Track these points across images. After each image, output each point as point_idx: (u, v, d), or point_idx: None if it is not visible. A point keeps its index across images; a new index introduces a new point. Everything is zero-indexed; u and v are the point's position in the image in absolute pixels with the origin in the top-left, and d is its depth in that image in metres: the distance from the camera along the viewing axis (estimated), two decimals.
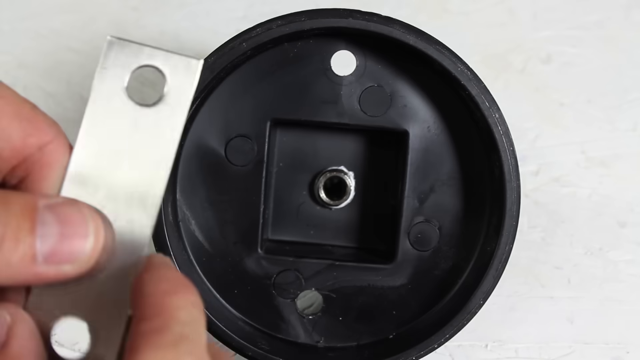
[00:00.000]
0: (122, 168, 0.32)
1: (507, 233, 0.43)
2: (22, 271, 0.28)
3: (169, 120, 0.32)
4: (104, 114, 0.32)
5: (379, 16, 0.42)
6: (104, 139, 0.32)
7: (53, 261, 0.29)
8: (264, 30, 0.42)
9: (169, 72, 0.32)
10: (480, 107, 0.42)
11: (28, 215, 0.29)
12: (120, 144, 0.32)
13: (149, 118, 0.32)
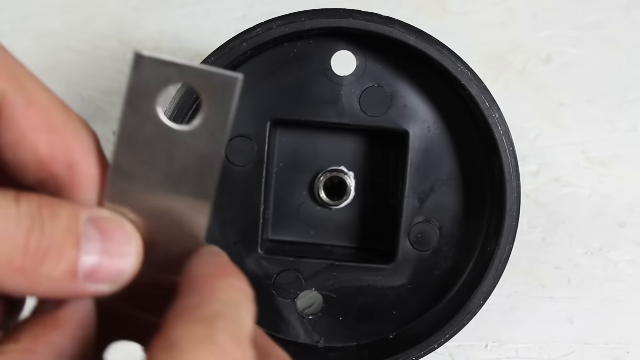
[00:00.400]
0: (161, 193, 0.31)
1: (507, 233, 0.43)
2: (61, 286, 0.28)
3: (209, 141, 0.30)
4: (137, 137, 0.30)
5: (379, 16, 0.42)
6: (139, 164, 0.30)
7: (93, 279, 0.28)
8: (264, 30, 0.42)
9: (205, 90, 0.29)
10: (480, 107, 0.42)
11: (73, 229, 0.28)
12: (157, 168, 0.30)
13: (186, 139, 0.30)
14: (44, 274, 0.27)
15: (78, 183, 0.29)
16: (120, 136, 0.29)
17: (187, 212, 0.31)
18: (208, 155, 0.30)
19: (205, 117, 0.29)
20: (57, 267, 0.27)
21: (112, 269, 0.28)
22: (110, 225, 0.29)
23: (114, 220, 0.29)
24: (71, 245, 0.27)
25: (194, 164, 0.30)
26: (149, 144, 0.30)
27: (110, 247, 0.28)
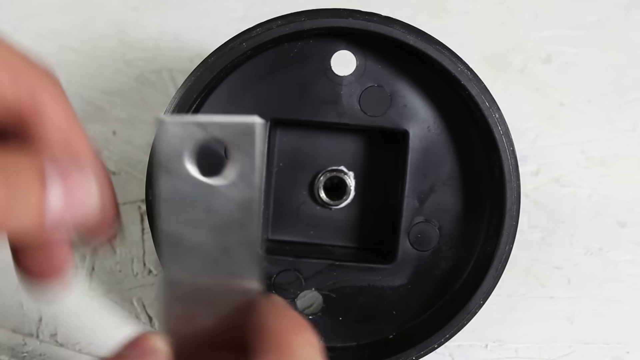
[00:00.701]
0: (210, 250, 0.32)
1: (507, 233, 0.43)
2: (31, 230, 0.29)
3: (243, 187, 0.31)
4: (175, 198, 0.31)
5: (379, 16, 0.42)
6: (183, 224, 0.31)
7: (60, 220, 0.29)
8: (264, 30, 0.42)
9: (229, 139, 0.30)
10: (480, 107, 0.42)
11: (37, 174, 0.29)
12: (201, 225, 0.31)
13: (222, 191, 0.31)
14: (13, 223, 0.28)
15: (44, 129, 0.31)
16: (161, 200, 0.31)
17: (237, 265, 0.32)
18: (246, 202, 0.31)
19: (235, 165, 0.30)
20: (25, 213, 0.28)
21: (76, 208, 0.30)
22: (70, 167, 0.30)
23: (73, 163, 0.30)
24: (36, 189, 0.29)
25: (234, 214, 0.31)
26: (188, 202, 0.31)
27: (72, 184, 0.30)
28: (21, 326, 0.58)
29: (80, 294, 0.58)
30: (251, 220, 0.31)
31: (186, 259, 0.32)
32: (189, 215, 0.31)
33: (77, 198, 0.30)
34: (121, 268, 0.58)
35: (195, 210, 0.31)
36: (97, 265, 0.58)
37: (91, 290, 0.58)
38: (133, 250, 0.58)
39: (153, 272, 0.58)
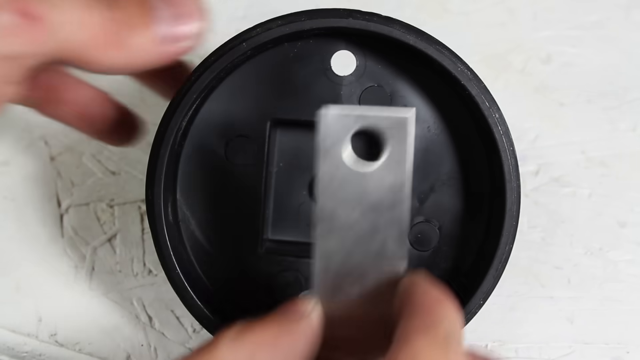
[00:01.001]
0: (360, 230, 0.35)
1: (507, 233, 0.43)
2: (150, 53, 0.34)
3: (394, 174, 0.34)
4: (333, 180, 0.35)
5: (379, 16, 0.42)
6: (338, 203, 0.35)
7: (171, 41, 0.34)
8: (264, 30, 0.42)
9: (383, 130, 0.34)
10: (480, 107, 0.42)
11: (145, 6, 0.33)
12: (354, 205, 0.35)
13: (375, 176, 0.35)
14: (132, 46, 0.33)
15: None
16: (320, 181, 0.35)
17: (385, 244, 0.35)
18: (396, 186, 0.35)
19: (388, 154, 0.34)
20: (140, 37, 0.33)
21: (185, 31, 0.34)
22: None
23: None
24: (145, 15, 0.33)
25: (385, 196, 0.35)
26: (344, 184, 0.35)
27: (178, 11, 0.34)
28: (21, 326, 0.58)
29: (80, 294, 0.58)
30: (401, 203, 0.35)
31: (339, 235, 0.35)
32: (344, 196, 0.35)
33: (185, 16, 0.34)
34: (121, 268, 0.58)
35: (350, 191, 0.35)
36: (97, 265, 0.58)
37: (91, 290, 0.58)
38: (133, 250, 0.58)
39: (153, 272, 0.58)
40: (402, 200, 0.35)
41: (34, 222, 0.59)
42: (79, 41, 0.31)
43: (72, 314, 0.58)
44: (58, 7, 0.31)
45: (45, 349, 0.58)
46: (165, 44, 0.34)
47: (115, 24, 0.32)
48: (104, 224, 0.58)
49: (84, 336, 0.58)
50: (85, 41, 0.32)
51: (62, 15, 0.31)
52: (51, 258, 0.58)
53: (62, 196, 0.59)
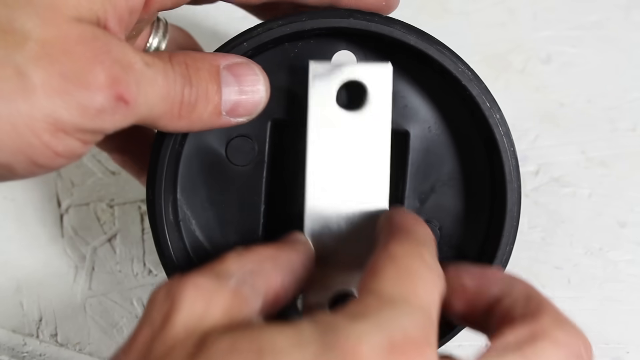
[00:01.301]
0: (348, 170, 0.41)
1: (507, 234, 0.43)
2: (210, 123, 0.38)
3: (377, 119, 0.40)
4: (322, 125, 0.40)
5: (379, 16, 0.42)
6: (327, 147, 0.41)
7: (233, 114, 0.38)
8: (264, 30, 0.42)
9: (368, 81, 0.40)
10: (481, 107, 0.42)
11: (214, 79, 0.37)
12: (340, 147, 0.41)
13: (359, 121, 0.40)
14: (197, 117, 0.37)
15: None
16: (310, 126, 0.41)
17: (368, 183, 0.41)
18: (379, 132, 0.41)
19: (371, 103, 0.40)
20: (205, 110, 0.37)
21: (247, 105, 0.39)
22: (243, 69, 0.39)
23: (245, 64, 0.39)
24: (214, 92, 0.37)
25: (369, 142, 0.41)
26: (332, 131, 0.40)
27: (245, 88, 0.38)
28: (21, 326, 0.58)
29: (80, 294, 0.58)
30: (383, 148, 0.41)
31: (328, 176, 0.41)
32: (333, 141, 0.40)
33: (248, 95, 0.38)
34: (121, 268, 0.58)
35: (337, 137, 0.40)
36: (97, 265, 0.58)
37: (91, 290, 0.58)
38: (133, 250, 0.58)
39: (153, 272, 0.58)
40: (384, 144, 0.40)
41: (34, 222, 0.59)
42: (155, 115, 0.36)
43: (72, 314, 0.58)
44: (146, 86, 0.34)
45: (46, 349, 0.58)
46: (227, 116, 0.38)
47: (189, 101, 0.36)
48: (104, 224, 0.58)
49: (84, 336, 0.58)
50: (160, 115, 0.36)
51: (148, 96, 0.34)
52: (51, 258, 0.59)
53: (62, 196, 0.59)
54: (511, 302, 0.34)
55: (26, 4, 0.32)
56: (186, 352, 0.29)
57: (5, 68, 0.30)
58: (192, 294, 0.31)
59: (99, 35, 0.33)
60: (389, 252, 0.33)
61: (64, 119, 0.32)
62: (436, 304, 0.32)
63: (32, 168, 0.33)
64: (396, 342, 0.28)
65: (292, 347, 0.28)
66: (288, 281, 0.36)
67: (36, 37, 0.31)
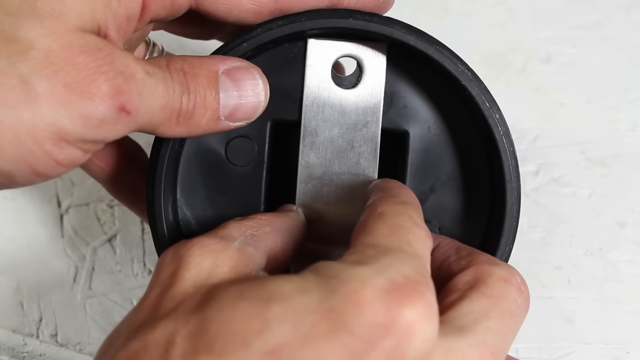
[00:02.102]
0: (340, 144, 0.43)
1: (507, 234, 0.43)
2: (208, 129, 0.38)
3: (370, 96, 0.42)
4: (316, 101, 0.42)
5: (379, 16, 0.42)
6: (320, 121, 0.43)
7: (232, 119, 0.38)
8: (264, 31, 0.42)
9: (363, 57, 0.42)
10: (480, 107, 0.42)
11: (212, 85, 0.37)
12: (334, 123, 0.43)
13: (352, 98, 0.42)
14: (195, 124, 0.37)
15: None
16: (305, 102, 0.43)
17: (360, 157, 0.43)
18: (371, 109, 0.43)
19: (365, 79, 0.42)
20: (203, 117, 0.37)
21: (246, 109, 0.39)
22: (242, 73, 0.39)
23: (244, 68, 0.39)
24: (211, 98, 0.37)
25: (361, 116, 0.43)
26: (326, 105, 0.42)
27: (243, 93, 0.38)
28: (21, 326, 0.58)
29: (81, 294, 0.58)
30: (375, 122, 0.43)
31: (321, 149, 0.43)
32: (326, 115, 0.42)
33: (247, 99, 0.39)
34: (121, 268, 0.58)
35: (331, 111, 0.42)
36: (97, 265, 0.58)
37: (91, 290, 0.58)
38: (133, 250, 0.58)
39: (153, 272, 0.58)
40: (376, 120, 0.43)
41: (34, 222, 0.59)
42: (155, 123, 0.36)
43: (72, 314, 0.58)
44: (147, 96, 0.34)
45: (46, 349, 0.58)
46: (225, 121, 0.38)
47: (188, 108, 0.36)
48: (104, 224, 0.59)
49: (84, 336, 0.58)
50: (159, 122, 0.36)
51: (149, 105, 0.34)
52: (51, 258, 0.59)
53: (62, 196, 0.59)
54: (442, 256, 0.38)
55: (30, 13, 0.32)
56: (195, 302, 0.30)
57: (9, 77, 0.31)
58: (199, 253, 0.33)
59: (102, 46, 0.33)
60: (379, 211, 0.34)
61: (67, 129, 0.32)
62: (428, 257, 0.33)
63: (31, 177, 0.33)
64: (397, 284, 0.29)
65: (298, 293, 0.29)
66: (285, 242, 0.38)
67: (40, 47, 0.32)
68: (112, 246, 0.58)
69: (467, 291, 0.34)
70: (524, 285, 0.37)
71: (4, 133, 0.31)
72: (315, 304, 0.28)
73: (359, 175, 0.43)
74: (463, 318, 0.33)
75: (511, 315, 0.34)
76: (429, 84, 0.44)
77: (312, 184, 0.43)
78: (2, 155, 0.31)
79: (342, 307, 0.28)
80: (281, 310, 0.28)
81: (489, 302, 0.34)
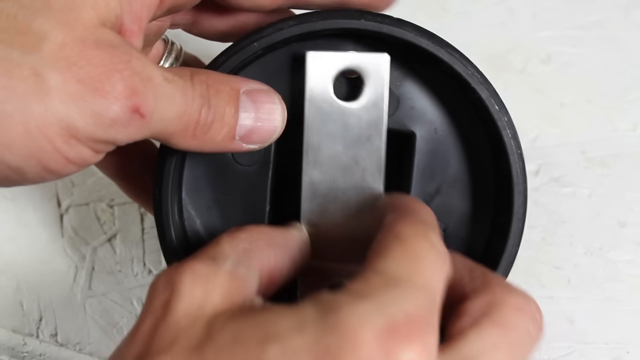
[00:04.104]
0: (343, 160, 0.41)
1: (514, 236, 0.43)
2: (222, 146, 0.37)
3: (373, 110, 0.41)
4: (318, 116, 0.41)
5: (390, 18, 0.41)
6: (323, 137, 0.41)
7: (247, 141, 0.38)
8: (275, 30, 0.41)
9: (363, 70, 0.41)
10: (489, 110, 0.42)
11: (233, 103, 0.37)
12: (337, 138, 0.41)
13: (356, 112, 0.41)
14: (210, 139, 0.36)
15: None
16: (307, 117, 0.41)
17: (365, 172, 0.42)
18: (374, 121, 0.41)
19: (367, 92, 0.41)
20: (219, 133, 0.37)
21: (262, 132, 0.38)
22: (263, 96, 0.39)
23: (265, 92, 0.39)
24: (230, 115, 0.37)
25: (365, 130, 0.41)
26: (328, 119, 0.41)
27: (261, 115, 0.38)
28: (21, 326, 0.58)
29: (81, 294, 0.58)
30: (378, 136, 0.41)
31: (324, 165, 0.41)
32: (329, 130, 0.41)
33: (264, 123, 0.38)
34: (121, 268, 0.58)
35: (333, 126, 0.41)
36: (97, 265, 0.58)
37: (91, 290, 0.58)
38: (133, 250, 0.58)
39: (153, 272, 0.58)
40: (379, 134, 0.41)
41: (34, 222, 0.59)
42: (169, 132, 0.35)
43: (72, 314, 0.58)
44: (163, 100, 0.34)
45: (46, 349, 0.57)
46: (239, 141, 0.38)
47: (205, 122, 0.36)
48: (104, 224, 0.58)
49: (84, 336, 0.58)
50: (174, 132, 0.35)
51: (164, 112, 0.34)
52: (51, 258, 0.58)
53: (62, 196, 0.59)
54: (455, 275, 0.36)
55: (44, 6, 0.31)
56: (191, 339, 0.29)
57: (21, 68, 0.30)
58: (191, 280, 0.31)
59: (119, 43, 0.33)
60: (396, 233, 0.33)
61: (77, 126, 0.31)
62: (441, 286, 0.32)
63: (43, 173, 0.32)
64: (397, 324, 0.28)
65: (295, 331, 0.28)
66: (282, 260, 0.37)
67: (54, 39, 0.31)
68: (112, 246, 0.58)
69: (478, 318, 0.33)
70: (538, 313, 0.35)
71: (14, 126, 0.30)
72: (312, 342, 0.28)
73: (365, 190, 0.42)
74: (471, 347, 0.32)
75: (520, 345, 0.33)
76: (437, 86, 0.44)
77: (317, 201, 0.42)
78: (12, 150, 0.31)
79: (339, 345, 0.27)
80: (278, 352, 0.28)
81: (499, 331, 0.32)
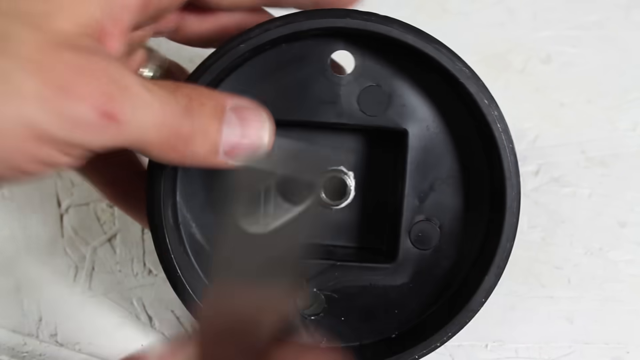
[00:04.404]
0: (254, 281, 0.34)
1: (507, 230, 0.43)
2: (203, 161, 0.36)
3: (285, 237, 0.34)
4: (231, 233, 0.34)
5: (376, 15, 0.42)
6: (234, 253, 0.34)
7: (231, 156, 0.36)
8: (262, 32, 0.41)
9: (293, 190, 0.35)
10: (479, 104, 0.42)
11: (217, 117, 0.36)
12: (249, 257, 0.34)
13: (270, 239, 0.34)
14: (191, 152, 0.35)
15: None
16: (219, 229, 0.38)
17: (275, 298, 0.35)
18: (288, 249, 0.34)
19: None
20: (202, 147, 0.35)
21: (248, 149, 0.37)
22: (249, 114, 0.37)
23: (252, 110, 0.38)
24: (214, 130, 0.35)
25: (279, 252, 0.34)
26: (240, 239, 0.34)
27: (247, 132, 0.37)
28: (21, 326, 0.58)
29: (80, 294, 0.58)
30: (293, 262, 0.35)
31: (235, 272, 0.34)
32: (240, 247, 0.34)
33: (250, 139, 0.37)
34: (121, 268, 0.58)
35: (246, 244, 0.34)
36: (97, 265, 0.58)
37: (91, 290, 0.58)
38: (133, 250, 0.58)
39: (153, 272, 0.58)
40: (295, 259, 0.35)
41: (34, 222, 0.59)
42: (148, 142, 0.34)
43: (72, 314, 0.58)
44: (140, 108, 0.33)
45: (46, 349, 0.58)
46: (224, 157, 0.36)
47: (186, 134, 0.35)
48: (104, 224, 0.59)
49: (84, 336, 0.58)
50: (153, 143, 0.34)
51: (142, 118, 0.33)
52: (51, 258, 0.59)
53: (62, 196, 0.59)
54: None
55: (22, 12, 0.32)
56: None
57: None
58: None
59: (97, 51, 0.33)
60: None
61: (44, 128, 0.31)
62: None
63: (16, 174, 0.32)
64: None
65: None
66: None
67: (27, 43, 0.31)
68: (112, 246, 0.58)
69: None
70: None
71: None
72: None
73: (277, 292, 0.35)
74: None
75: None
76: (427, 83, 0.44)
77: None
78: None
79: None
80: None
81: None
